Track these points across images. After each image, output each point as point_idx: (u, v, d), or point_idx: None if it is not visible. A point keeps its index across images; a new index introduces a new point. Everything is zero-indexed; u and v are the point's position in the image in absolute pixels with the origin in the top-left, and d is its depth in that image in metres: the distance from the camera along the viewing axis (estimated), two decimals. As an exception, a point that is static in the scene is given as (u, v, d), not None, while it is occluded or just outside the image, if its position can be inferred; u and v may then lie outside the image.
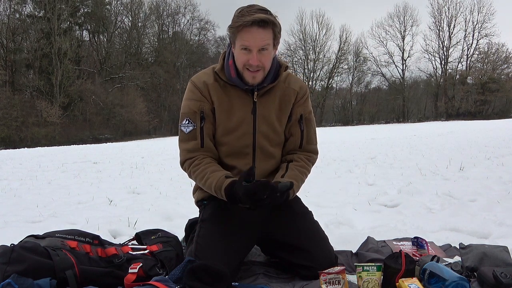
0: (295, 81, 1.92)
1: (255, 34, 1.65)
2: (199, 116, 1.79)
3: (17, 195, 4.66)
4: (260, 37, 1.66)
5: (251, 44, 1.67)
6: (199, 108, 1.79)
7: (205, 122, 1.79)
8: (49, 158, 10.61)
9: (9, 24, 32.58)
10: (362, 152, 8.60)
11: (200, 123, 1.79)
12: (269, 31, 1.67)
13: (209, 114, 1.81)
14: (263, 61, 1.72)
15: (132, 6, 40.49)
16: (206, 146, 1.80)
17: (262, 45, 1.67)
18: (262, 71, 1.75)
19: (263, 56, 1.70)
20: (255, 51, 1.68)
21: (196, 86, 1.81)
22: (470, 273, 1.67)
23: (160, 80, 40.47)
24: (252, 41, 1.66)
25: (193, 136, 1.79)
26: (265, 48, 1.69)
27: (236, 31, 1.67)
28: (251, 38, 1.66)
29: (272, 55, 1.76)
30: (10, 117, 28.34)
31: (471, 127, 19.75)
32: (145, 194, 4.40)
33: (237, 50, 1.72)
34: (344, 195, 3.86)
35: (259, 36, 1.66)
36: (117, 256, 1.70)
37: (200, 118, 1.79)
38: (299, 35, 45.83)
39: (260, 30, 1.65)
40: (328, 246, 1.85)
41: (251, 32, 1.65)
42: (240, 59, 1.73)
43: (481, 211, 2.97)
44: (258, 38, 1.66)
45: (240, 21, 1.64)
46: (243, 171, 1.62)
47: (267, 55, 1.72)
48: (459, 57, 44.66)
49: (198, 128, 1.79)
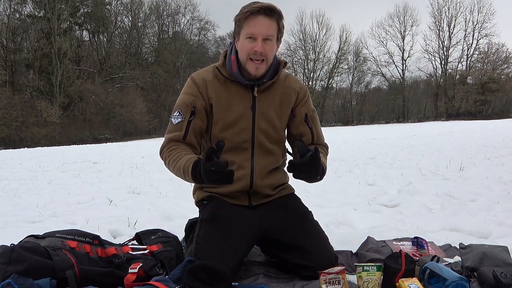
0: (295, 81, 1.96)
1: (261, 22, 1.72)
2: (190, 110, 1.81)
3: (17, 195, 4.66)
4: (266, 25, 1.72)
5: (257, 31, 1.72)
6: (192, 103, 1.82)
7: (195, 117, 1.82)
8: (49, 158, 10.61)
9: (9, 24, 32.55)
10: (362, 152, 8.60)
11: (189, 117, 1.81)
12: (275, 22, 1.74)
13: (201, 111, 1.83)
14: (267, 51, 1.75)
15: (132, 6, 40.51)
16: (188, 139, 1.81)
17: (267, 34, 1.73)
18: (265, 62, 1.78)
19: (267, 46, 1.75)
20: (260, 39, 1.73)
21: (194, 82, 1.85)
22: (470, 273, 1.67)
23: (160, 80, 40.46)
24: (259, 28, 1.72)
25: (179, 127, 1.81)
26: (270, 38, 1.74)
27: (243, 18, 1.73)
28: (258, 25, 1.72)
29: (274, 49, 1.80)
30: (10, 117, 28.32)
31: (471, 127, 19.74)
32: (145, 194, 4.40)
33: (241, 40, 1.77)
34: (344, 195, 3.86)
35: (265, 24, 1.72)
36: (117, 256, 1.70)
37: (191, 112, 1.81)
38: (299, 35, 45.83)
39: (266, 19, 1.72)
40: (328, 246, 1.85)
41: (257, 19, 1.71)
42: (245, 48, 1.76)
43: (481, 211, 2.97)
44: (264, 26, 1.72)
45: (247, 8, 1.72)
46: (208, 146, 1.59)
47: (271, 46, 1.76)
48: (459, 57, 44.70)
49: (186, 121, 1.81)
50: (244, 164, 1.86)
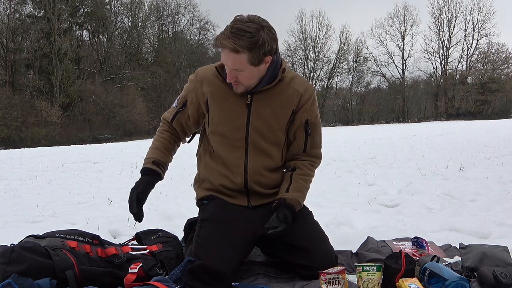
0: (301, 83, 1.89)
1: (227, 57, 1.68)
2: (182, 102, 1.93)
3: (17, 195, 4.66)
4: (231, 60, 1.68)
5: (225, 63, 1.72)
6: (185, 97, 1.92)
7: (184, 110, 1.93)
8: (49, 158, 10.61)
9: (9, 24, 32.51)
10: (362, 152, 8.60)
11: (179, 107, 1.94)
12: (242, 57, 1.65)
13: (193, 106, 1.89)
14: (240, 79, 1.74)
15: (132, 6, 40.46)
16: (174, 124, 1.97)
17: (234, 67, 1.70)
18: (241, 85, 1.77)
19: (239, 75, 1.72)
20: (228, 70, 1.72)
21: (194, 77, 1.91)
22: (470, 273, 1.67)
23: (160, 80, 40.40)
24: (225, 61, 1.71)
25: (172, 111, 1.98)
26: (240, 69, 1.70)
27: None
28: (224, 58, 1.70)
29: (253, 73, 1.73)
30: (10, 117, 28.30)
31: (471, 127, 19.74)
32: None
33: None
34: (344, 195, 3.86)
35: (230, 59, 1.68)
36: (117, 256, 1.70)
37: (182, 104, 1.93)
38: (299, 35, 45.79)
39: (232, 54, 1.66)
40: (328, 246, 1.85)
41: (224, 52, 1.68)
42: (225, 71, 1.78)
43: (481, 211, 2.97)
44: (230, 61, 1.69)
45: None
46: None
47: (244, 75, 1.72)
48: (459, 57, 44.66)
49: (175, 110, 1.96)
50: (238, 162, 1.86)
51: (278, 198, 1.86)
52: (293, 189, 1.87)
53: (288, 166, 1.96)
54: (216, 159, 1.91)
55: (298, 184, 1.89)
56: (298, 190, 1.87)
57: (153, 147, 1.97)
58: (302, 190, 1.89)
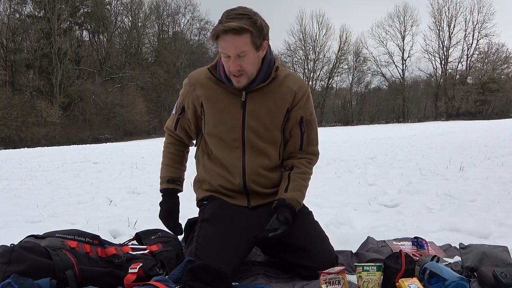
0: (294, 81, 1.88)
1: (230, 42, 1.66)
2: (180, 108, 1.96)
3: (17, 195, 4.66)
4: (235, 44, 1.66)
5: (228, 51, 1.69)
6: (182, 102, 1.94)
7: (183, 115, 1.96)
8: (49, 158, 10.61)
9: (9, 24, 32.53)
10: (362, 152, 8.60)
11: (179, 114, 1.97)
12: (246, 37, 1.66)
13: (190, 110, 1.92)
14: (244, 66, 1.72)
15: (132, 6, 40.46)
16: (178, 132, 2.00)
17: (238, 52, 1.68)
18: (245, 75, 1.75)
19: (243, 61, 1.71)
20: (233, 57, 1.69)
21: (187, 82, 1.92)
22: (470, 273, 1.67)
23: (160, 80, 40.41)
24: (228, 48, 1.68)
25: (173, 118, 2.02)
26: (243, 54, 1.69)
27: (213, 40, 1.70)
28: (227, 45, 1.68)
29: (255, 59, 1.74)
30: (10, 117, 28.30)
31: (471, 127, 19.74)
32: (145, 194, 4.40)
33: (221, 57, 1.76)
34: (344, 195, 3.86)
35: (234, 43, 1.66)
36: (117, 256, 1.70)
37: (181, 109, 1.95)
38: (299, 35, 45.86)
39: (235, 37, 1.65)
40: (329, 246, 1.85)
41: (226, 39, 1.66)
42: (225, 65, 1.76)
43: (481, 211, 2.97)
44: (233, 45, 1.67)
45: (214, 30, 1.68)
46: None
47: (248, 60, 1.71)
48: (459, 57, 44.66)
49: (176, 117, 1.99)
50: (235, 163, 1.86)
51: (278, 198, 1.86)
52: (292, 189, 1.87)
53: (285, 165, 1.96)
54: (214, 160, 1.92)
55: (297, 183, 1.89)
56: (297, 189, 1.87)
57: (164, 164, 2.05)
58: (301, 189, 1.89)
